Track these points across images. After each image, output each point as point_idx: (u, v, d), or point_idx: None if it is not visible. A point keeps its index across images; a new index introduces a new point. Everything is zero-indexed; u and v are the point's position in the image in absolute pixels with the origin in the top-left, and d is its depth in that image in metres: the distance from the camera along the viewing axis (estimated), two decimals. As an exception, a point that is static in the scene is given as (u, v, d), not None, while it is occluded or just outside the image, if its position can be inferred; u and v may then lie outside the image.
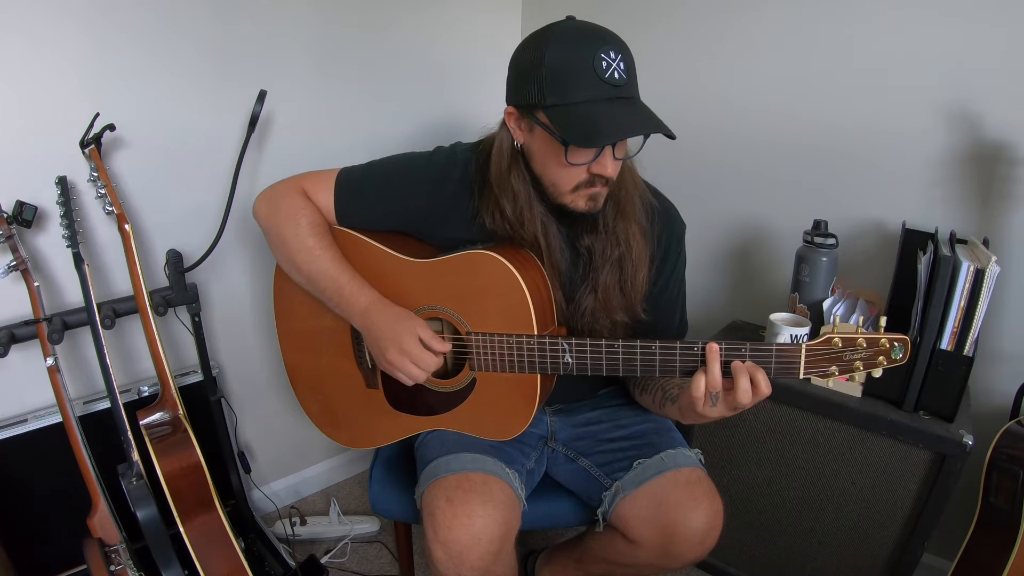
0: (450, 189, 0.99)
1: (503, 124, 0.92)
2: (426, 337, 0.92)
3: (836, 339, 0.79)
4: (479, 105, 1.73)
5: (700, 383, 0.80)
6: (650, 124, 0.81)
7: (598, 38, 0.80)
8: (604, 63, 0.79)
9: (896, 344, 0.78)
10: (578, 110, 0.80)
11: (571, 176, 0.88)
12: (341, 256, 1.00)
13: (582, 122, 0.79)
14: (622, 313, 0.99)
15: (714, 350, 0.80)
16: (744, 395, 0.78)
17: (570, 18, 0.85)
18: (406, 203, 1.00)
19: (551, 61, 0.80)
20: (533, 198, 0.93)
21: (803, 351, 0.79)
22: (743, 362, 0.79)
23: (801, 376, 0.81)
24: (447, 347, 0.94)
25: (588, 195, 0.90)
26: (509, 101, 0.89)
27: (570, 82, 0.80)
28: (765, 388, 0.79)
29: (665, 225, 1.01)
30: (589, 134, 0.79)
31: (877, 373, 0.80)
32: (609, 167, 0.86)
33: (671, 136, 0.80)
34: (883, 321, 0.79)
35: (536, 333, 0.90)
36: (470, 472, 0.93)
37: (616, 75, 0.79)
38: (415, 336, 0.92)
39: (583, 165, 0.86)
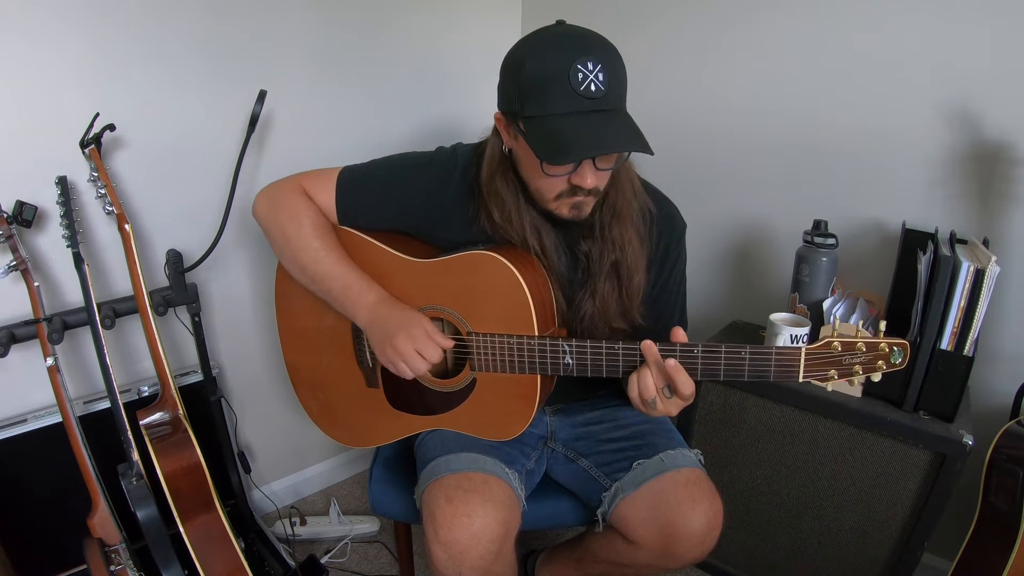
0: (451, 190, 0.99)
1: (495, 128, 0.92)
2: (431, 331, 0.93)
3: (836, 343, 0.78)
4: (478, 106, 1.72)
5: (632, 384, 0.85)
6: (623, 141, 0.79)
7: (578, 47, 0.78)
8: (580, 75, 0.76)
9: (895, 348, 0.77)
10: (550, 123, 0.79)
11: (552, 185, 0.87)
12: (346, 256, 1.00)
13: (551, 137, 0.78)
14: (620, 319, 0.99)
15: (651, 349, 0.83)
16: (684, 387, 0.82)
17: (560, 23, 0.84)
18: (407, 203, 1.00)
19: (529, 70, 0.79)
20: (522, 203, 0.93)
21: (802, 354, 0.79)
22: (675, 360, 0.82)
23: (800, 379, 0.80)
24: (450, 343, 0.94)
25: (571, 204, 0.89)
26: (498, 106, 0.89)
27: (545, 93, 0.78)
28: (683, 389, 0.82)
29: (664, 227, 1.01)
30: (555, 150, 0.78)
31: (876, 377, 0.79)
32: (588, 179, 0.84)
33: (648, 152, 0.78)
34: (883, 325, 0.79)
35: (537, 334, 0.90)
36: (470, 472, 0.93)
37: (593, 87, 0.77)
38: (422, 327, 0.93)
39: (562, 176, 0.85)
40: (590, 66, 0.77)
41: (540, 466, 1.09)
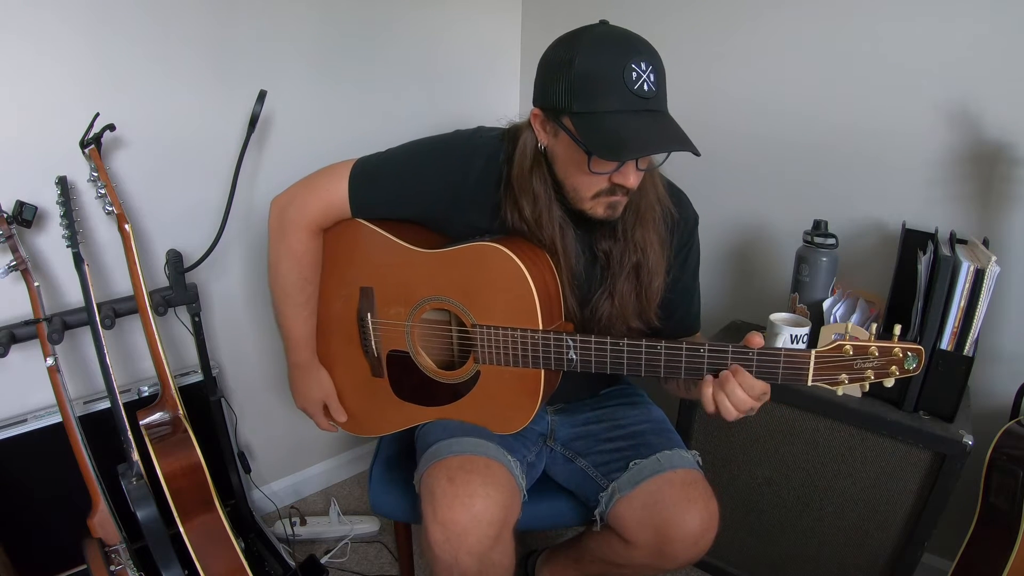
0: (472, 176, 0.96)
1: (528, 124, 0.91)
2: (332, 407, 1.15)
3: (847, 347, 0.76)
4: (479, 105, 1.73)
5: (707, 395, 0.82)
6: (676, 141, 0.80)
7: (630, 47, 0.79)
8: (634, 74, 0.77)
9: (910, 354, 0.75)
10: (604, 120, 0.79)
11: (592, 184, 0.87)
12: (311, 307, 1.09)
13: (607, 134, 0.78)
14: (637, 320, 0.99)
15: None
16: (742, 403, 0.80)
17: (603, 23, 0.84)
18: (425, 190, 0.98)
19: (580, 67, 0.79)
20: (552, 200, 0.92)
21: (812, 358, 0.77)
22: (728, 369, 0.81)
23: (810, 383, 0.78)
24: (339, 423, 1.16)
25: (608, 203, 0.89)
26: (535, 102, 0.88)
27: (598, 90, 0.78)
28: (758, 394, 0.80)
29: (683, 228, 1.02)
30: (614, 147, 0.78)
31: (889, 383, 0.77)
32: (631, 178, 0.85)
33: (696, 154, 0.79)
34: (897, 329, 0.76)
35: (541, 328, 0.90)
36: (473, 455, 0.93)
37: (646, 87, 0.78)
38: (317, 407, 1.16)
39: (605, 174, 0.85)
40: (643, 66, 0.78)
41: (540, 461, 1.09)
